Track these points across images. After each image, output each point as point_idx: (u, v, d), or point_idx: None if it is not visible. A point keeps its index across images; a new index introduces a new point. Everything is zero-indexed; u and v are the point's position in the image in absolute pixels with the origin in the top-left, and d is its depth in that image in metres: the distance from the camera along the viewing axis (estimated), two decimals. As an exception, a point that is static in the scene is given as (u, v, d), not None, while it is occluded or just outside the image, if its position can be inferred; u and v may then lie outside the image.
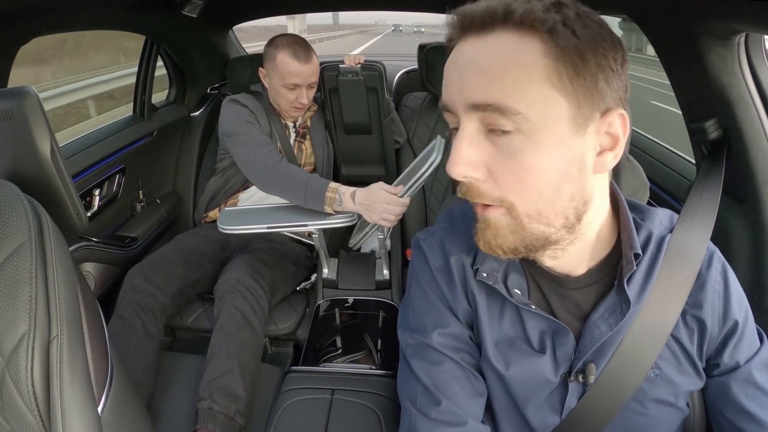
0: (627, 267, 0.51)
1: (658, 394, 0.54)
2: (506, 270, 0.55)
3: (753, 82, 0.70)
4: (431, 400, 0.55)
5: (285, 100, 1.38)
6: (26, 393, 0.48)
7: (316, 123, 1.57)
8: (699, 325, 0.54)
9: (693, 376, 0.55)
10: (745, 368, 0.55)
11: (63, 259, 0.53)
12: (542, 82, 0.41)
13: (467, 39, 0.44)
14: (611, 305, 0.52)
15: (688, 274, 0.53)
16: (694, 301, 0.54)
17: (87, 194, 1.35)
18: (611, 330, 0.51)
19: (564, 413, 0.55)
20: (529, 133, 0.42)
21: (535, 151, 0.42)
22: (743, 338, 0.55)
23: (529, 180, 0.43)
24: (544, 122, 0.41)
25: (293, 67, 1.32)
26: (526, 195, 0.44)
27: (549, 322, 0.54)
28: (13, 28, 0.99)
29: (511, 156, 0.43)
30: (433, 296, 0.59)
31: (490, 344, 0.56)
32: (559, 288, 0.54)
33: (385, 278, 1.37)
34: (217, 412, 1.02)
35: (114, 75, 5.30)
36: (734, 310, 0.54)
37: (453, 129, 0.47)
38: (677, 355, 0.55)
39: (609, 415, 0.54)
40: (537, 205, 0.44)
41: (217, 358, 1.09)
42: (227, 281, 1.21)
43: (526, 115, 0.41)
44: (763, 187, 0.71)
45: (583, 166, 0.44)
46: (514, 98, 0.41)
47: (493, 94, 0.41)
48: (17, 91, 0.73)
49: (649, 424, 0.56)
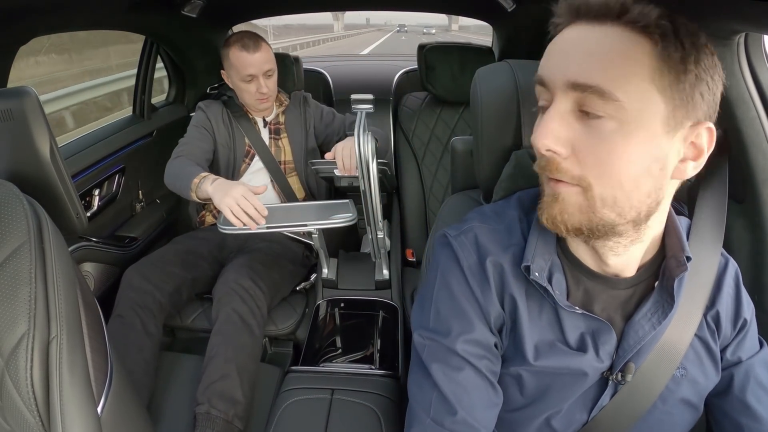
0: (679, 269, 0.52)
1: (682, 394, 0.56)
2: (551, 269, 0.55)
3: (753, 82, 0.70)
4: (447, 409, 0.54)
5: (248, 93, 1.40)
6: (26, 393, 0.48)
7: (292, 120, 1.54)
8: (717, 325, 0.57)
9: (713, 375, 0.57)
10: (747, 363, 0.57)
11: (62, 259, 0.53)
12: (645, 78, 0.42)
13: (578, 25, 0.45)
14: (654, 305, 0.53)
15: (708, 278, 0.56)
16: (712, 303, 0.57)
17: (87, 194, 1.35)
18: (654, 329, 0.53)
19: (594, 411, 0.56)
20: (621, 122, 0.43)
21: (624, 140, 0.43)
22: (747, 336, 0.58)
23: (613, 165, 0.44)
24: (639, 115, 0.43)
25: (244, 58, 1.35)
26: (606, 180, 0.45)
27: (590, 322, 0.54)
28: (13, 28, 0.99)
29: (601, 139, 0.44)
30: (461, 298, 0.56)
31: (530, 346, 0.55)
32: (606, 288, 0.55)
33: (385, 278, 1.37)
34: (216, 416, 1.01)
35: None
36: (744, 310, 0.58)
37: (540, 107, 0.49)
38: (701, 356, 0.57)
39: (637, 414, 0.55)
40: (615, 192, 0.45)
41: (214, 362, 1.09)
42: (225, 283, 1.21)
43: (623, 103, 0.42)
44: (763, 187, 0.71)
45: (665, 167, 0.46)
46: (616, 85, 0.42)
47: (597, 77, 0.42)
48: (17, 91, 0.73)
49: (670, 422, 0.57)
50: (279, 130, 1.53)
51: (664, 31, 0.42)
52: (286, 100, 1.56)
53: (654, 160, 0.45)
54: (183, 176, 1.25)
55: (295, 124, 1.54)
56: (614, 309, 0.55)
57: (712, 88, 0.45)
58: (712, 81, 0.45)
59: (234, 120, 1.47)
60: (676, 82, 0.43)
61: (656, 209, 0.48)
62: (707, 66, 0.44)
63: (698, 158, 0.47)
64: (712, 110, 0.46)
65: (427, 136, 1.80)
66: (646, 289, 0.55)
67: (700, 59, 0.44)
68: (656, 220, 0.51)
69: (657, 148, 0.44)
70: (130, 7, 1.25)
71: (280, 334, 1.35)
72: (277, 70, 1.45)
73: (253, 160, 1.49)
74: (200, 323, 1.34)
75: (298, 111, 1.57)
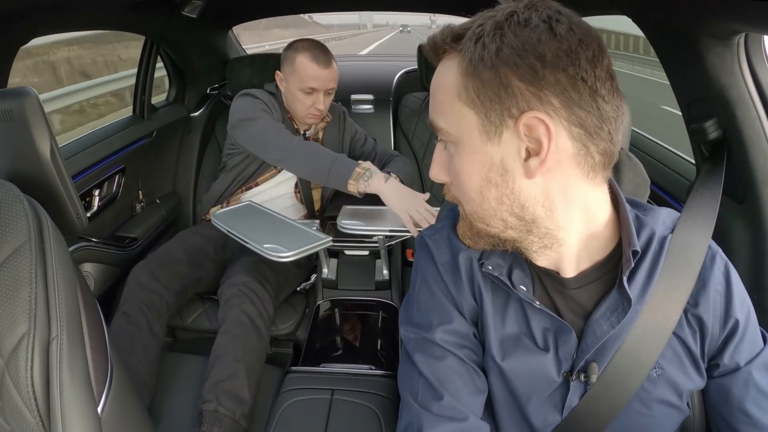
0: (626, 265, 0.51)
1: (661, 395, 0.54)
2: (511, 266, 0.55)
3: (753, 82, 0.70)
4: (433, 394, 0.55)
5: (301, 104, 1.36)
6: (26, 393, 0.48)
7: (331, 136, 1.51)
8: (700, 324, 0.54)
9: (695, 376, 0.55)
10: (746, 369, 0.54)
11: (63, 259, 0.53)
12: (454, 98, 0.46)
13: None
14: (612, 304, 0.52)
15: (690, 274, 0.53)
16: (695, 300, 0.54)
17: (87, 194, 1.35)
18: (613, 328, 0.52)
19: (565, 412, 0.55)
20: (455, 144, 0.49)
21: (459, 158, 0.49)
22: (744, 339, 0.54)
23: (461, 183, 0.50)
24: (460, 134, 0.47)
25: (312, 70, 1.30)
26: (462, 197, 0.52)
27: (552, 320, 0.54)
28: (13, 28, 0.99)
29: (451, 162, 0.51)
30: (438, 293, 0.59)
31: (495, 340, 0.56)
32: (560, 287, 0.54)
33: (385, 278, 1.37)
34: (223, 414, 1.01)
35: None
36: (736, 309, 0.54)
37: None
38: (680, 355, 0.54)
39: (611, 415, 0.54)
40: (472, 206, 0.51)
41: (223, 361, 1.08)
42: (234, 284, 1.20)
43: (447, 129, 0.48)
44: (762, 187, 0.71)
45: (506, 171, 0.47)
46: (438, 116, 0.49)
47: (432, 114, 0.50)
48: (17, 91, 0.73)
49: (651, 424, 0.56)
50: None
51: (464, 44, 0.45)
52: (329, 116, 1.52)
53: (488, 169, 0.47)
54: (338, 161, 1.18)
55: (332, 140, 1.51)
56: (573, 308, 0.55)
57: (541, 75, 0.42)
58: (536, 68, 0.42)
59: (283, 120, 1.41)
60: (482, 87, 0.44)
61: (525, 212, 0.48)
62: (527, 54, 0.42)
63: (539, 152, 0.44)
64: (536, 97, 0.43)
65: (428, 136, 1.81)
66: (605, 286, 0.54)
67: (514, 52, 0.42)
68: (561, 219, 0.49)
69: (486, 156, 0.47)
70: (131, 8, 1.26)
71: (281, 334, 1.35)
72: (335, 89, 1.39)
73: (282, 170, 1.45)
74: (201, 323, 1.34)
75: (337, 127, 1.54)
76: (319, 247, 1.08)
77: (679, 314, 0.53)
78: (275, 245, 1.05)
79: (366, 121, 1.84)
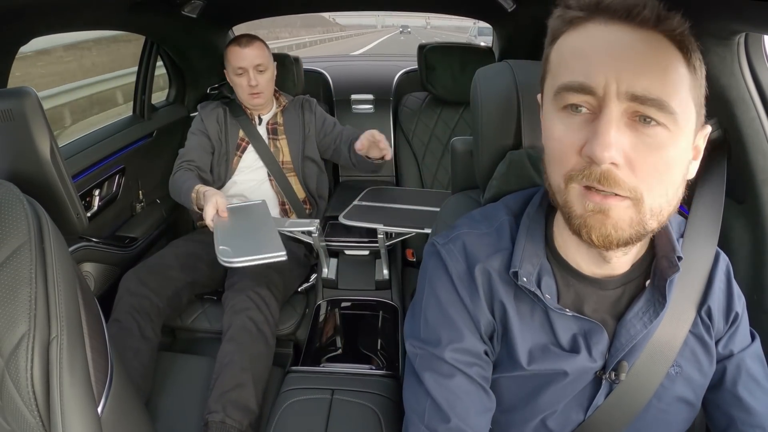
0: (671, 270, 0.52)
1: (678, 392, 0.56)
2: (539, 273, 0.54)
3: (753, 82, 0.70)
4: (441, 416, 0.54)
5: (240, 88, 1.46)
6: (26, 393, 0.48)
7: (290, 122, 1.56)
8: (710, 319, 0.57)
9: (709, 371, 0.57)
10: (739, 356, 0.58)
11: (63, 259, 0.53)
12: (687, 89, 0.44)
13: (604, 23, 0.43)
14: (646, 304, 0.53)
15: (702, 275, 0.57)
16: (704, 299, 0.57)
17: (87, 194, 1.35)
18: (645, 328, 0.53)
19: (590, 411, 0.56)
20: (673, 131, 0.43)
21: (674, 149, 0.43)
22: (739, 330, 0.58)
23: (666, 174, 0.44)
24: (685, 124, 0.44)
25: (236, 52, 1.43)
26: (656, 189, 0.44)
27: (582, 323, 0.54)
28: (13, 28, 0.99)
29: (655, 148, 0.43)
30: (448, 307, 0.56)
31: (523, 349, 0.55)
32: (596, 289, 0.55)
33: (385, 278, 1.37)
34: (231, 426, 0.99)
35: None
36: (736, 303, 0.58)
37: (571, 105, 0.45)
38: (696, 353, 0.57)
39: (632, 413, 0.55)
40: (662, 201, 0.45)
41: (230, 370, 1.06)
42: (241, 290, 1.19)
43: (677, 116, 0.42)
44: (762, 187, 0.71)
45: (687, 170, 0.47)
46: (672, 97, 0.42)
47: (658, 91, 0.42)
48: (17, 91, 0.73)
49: (667, 421, 0.57)
50: (277, 131, 1.54)
51: (689, 43, 0.44)
52: (285, 101, 1.57)
53: (686, 166, 0.46)
54: (184, 191, 1.33)
55: (293, 125, 1.56)
56: (605, 309, 0.55)
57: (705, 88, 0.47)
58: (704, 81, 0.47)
59: (230, 116, 1.51)
60: (699, 88, 0.45)
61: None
62: (701, 66, 0.46)
63: (698, 157, 0.48)
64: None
65: (428, 136, 1.80)
66: (637, 287, 0.55)
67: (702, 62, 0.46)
68: None
69: (688, 152, 0.46)
70: (131, 7, 1.25)
71: (281, 334, 1.35)
72: (272, 69, 1.48)
73: (245, 152, 1.50)
74: (201, 324, 1.34)
75: (297, 114, 1.57)
76: (266, 260, 1.05)
77: (695, 313, 0.56)
78: (228, 248, 1.07)
79: (366, 121, 1.84)
